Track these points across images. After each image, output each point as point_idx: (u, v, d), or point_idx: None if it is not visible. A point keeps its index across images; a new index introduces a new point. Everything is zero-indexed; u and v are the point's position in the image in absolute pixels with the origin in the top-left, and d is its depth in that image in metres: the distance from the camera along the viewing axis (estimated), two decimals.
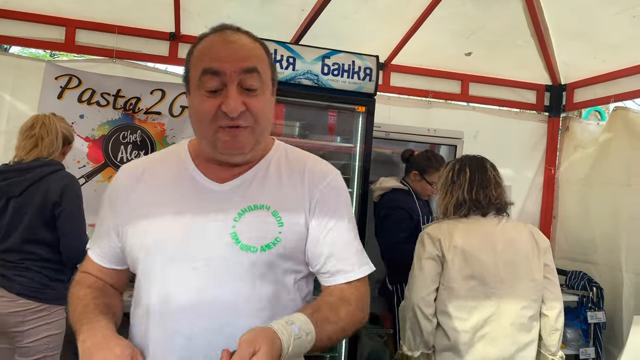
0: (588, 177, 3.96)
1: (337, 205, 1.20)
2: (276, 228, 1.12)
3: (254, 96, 1.09)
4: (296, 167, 1.21)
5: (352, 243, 1.21)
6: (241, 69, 1.07)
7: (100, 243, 1.24)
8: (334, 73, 3.05)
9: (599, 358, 3.54)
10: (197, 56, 1.11)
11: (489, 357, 2.02)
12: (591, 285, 3.55)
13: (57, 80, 3.31)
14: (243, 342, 0.92)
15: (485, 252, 2.05)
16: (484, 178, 2.16)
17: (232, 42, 1.10)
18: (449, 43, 3.77)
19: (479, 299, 2.04)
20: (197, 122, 1.12)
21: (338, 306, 1.12)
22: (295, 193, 1.17)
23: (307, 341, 1.00)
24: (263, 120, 1.12)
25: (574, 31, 3.52)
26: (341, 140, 3.35)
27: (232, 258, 1.10)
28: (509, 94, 4.25)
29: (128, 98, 3.43)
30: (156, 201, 1.16)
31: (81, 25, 3.40)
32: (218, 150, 1.12)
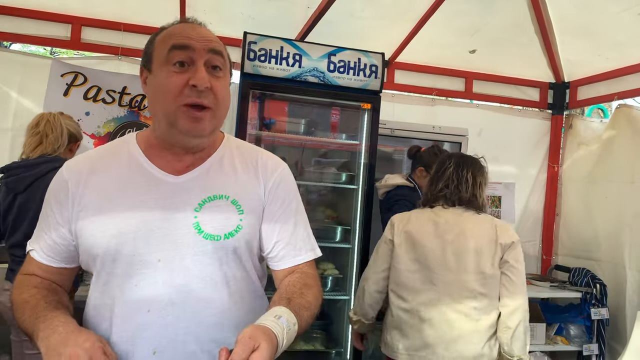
0: (591, 174, 3.97)
1: (287, 195, 1.27)
2: (237, 216, 1.18)
3: (218, 77, 1.14)
4: (249, 160, 1.27)
5: (298, 229, 1.27)
6: (209, 47, 1.12)
7: (47, 242, 1.20)
8: (340, 70, 3.06)
9: (602, 354, 3.56)
10: (162, 38, 1.15)
11: (429, 340, 2.11)
12: (594, 282, 3.56)
13: (63, 77, 3.32)
14: (242, 339, 0.93)
15: (432, 240, 2.17)
16: (437, 172, 2.31)
17: (198, 27, 1.16)
18: (453, 41, 3.78)
19: (422, 282, 2.16)
20: (161, 99, 1.12)
21: (304, 293, 1.17)
22: (250, 183, 1.23)
23: (294, 331, 1.05)
24: (223, 104, 1.16)
25: (578, 29, 3.53)
26: (346, 138, 3.37)
27: (196, 247, 1.13)
28: (512, 91, 4.26)
29: (134, 95, 3.44)
30: (111, 196, 1.15)
31: (87, 23, 3.41)
32: (178, 129, 1.13)
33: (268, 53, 2.97)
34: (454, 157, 2.35)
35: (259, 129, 3.17)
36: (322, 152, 3.57)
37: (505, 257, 2.13)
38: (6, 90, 3.28)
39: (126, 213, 1.13)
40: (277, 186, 1.26)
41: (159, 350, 1.10)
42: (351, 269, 3.22)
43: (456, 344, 2.09)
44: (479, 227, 2.17)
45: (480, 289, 2.11)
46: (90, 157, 1.25)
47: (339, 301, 3.36)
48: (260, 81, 3.01)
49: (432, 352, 2.10)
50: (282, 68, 3.00)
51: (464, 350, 2.09)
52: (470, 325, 2.10)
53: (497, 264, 2.13)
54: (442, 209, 2.24)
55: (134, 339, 1.11)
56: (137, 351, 1.10)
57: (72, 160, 1.26)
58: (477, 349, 2.09)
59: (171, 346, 1.11)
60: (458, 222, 2.19)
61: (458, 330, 2.10)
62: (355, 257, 3.19)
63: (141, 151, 1.21)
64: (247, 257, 1.20)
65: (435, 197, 2.27)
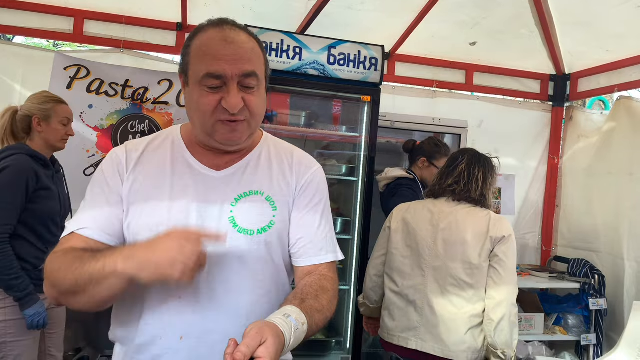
0: (591, 166, 3.99)
1: (316, 194, 1.32)
2: (270, 212, 1.23)
3: (251, 93, 1.16)
4: (284, 158, 1.32)
5: (322, 230, 1.30)
6: (242, 72, 1.13)
7: (102, 219, 1.17)
8: (340, 63, 3.08)
9: (600, 344, 3.60)
10: (197, 53, 1.15)
11: (413, 322, 2.23)
12: (593, 272, 3.59)
13: (66, 70, 3.35)
14: (250, 333, 0.95)
15: (425, 228, 2.29)
16: (448, 167, 2.38)
17: (231, 43, 1.14)
18: (453, 33, 3.79)
19: (412, 267, 2.30)
20: (197, 114, 1.17)
21: (319, 296, 1.20)
22: (284, 180, 1.28)
23: (303, 331, 1.06)
24: (258, 115, 1.20)
25: (578, 21, 3.53)
26: (346, 130, 3.39)
27: (230, 240, 1.18)
28: (513, 83, 4.27)
29: (136, 88, 3.47)
30: (157, 184, 1.21)
31: (89, 16, 3.43)
32: (216, 140, 1.19)
33: (269, 46, 3.00)
34: (467, 154, 2.37)
35: None
36: (323, 145, 3.60)
37: (495, 250, 2.16)
38: (10, 83, 3.31)
39: (168, 203, 1.19)
40: (309, 184, 1.31)
41: (186, 336, 1.15)
42: (351, 260, 3.26)
43: (437, 329, 2.17)
44: (473, 219, 2.22)
45: (466, 278, 2.16)
46: (142, 144, 1.29)
47: (339, 291, 3.39)
48: None
49: (414, 335, 2.21)
50: (282, 61, 3.02)
51: (445, 336, 2.16)
52: (453, 312, 2.16)
53: (485, 256, 2.16)
54: (443, 202, 2.31)
55: (163, 324, 1.16)
56: (166, 335, 1.16)
57: (130, 143, 1.29)
58: (458, 335, 2.14)
59: (197, 334, 1.15)
60: (453, 212, 2.25)
61: (440, 316, 2.17)
62: (355, 248, 3.23)
63: (184, 145, 1.27)
64: (278, 252, 1.25)
65: (443, 190, 2.33)
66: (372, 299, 2.50)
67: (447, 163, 2.41)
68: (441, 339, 2.16)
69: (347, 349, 3.22)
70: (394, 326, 2.30)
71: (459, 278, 2.17)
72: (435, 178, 2.43)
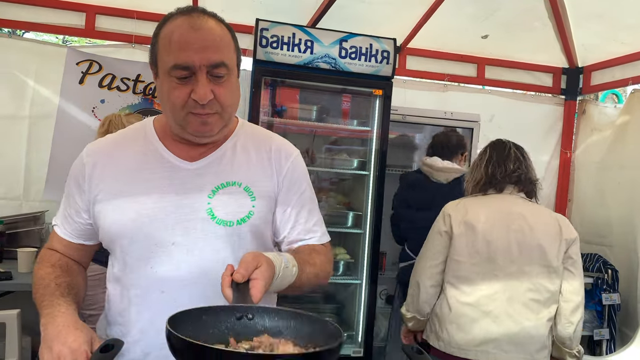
0: (604, 160, 3.95)
1: (301, 182, 1.31)
2: (249, 202, 1.21)
3: (221, 84, 1.13)
4: (263, 146, 1.29)
5: (312, 215, 1.31)
6: (209, 63, 1.10)
7: (69, 219, 1.26)
8: (352, 56, 3.07)
9: (613, 339, 3.57)
10: (164, 43, 1.13)
11: (492, 334, 2.04)
12: (606, 267, 3.57)
13: (78, 65, 3.36)
14: (247, 258, 1.01)
15: (497, 230, 2.07)
16: (501, 154, 2.19)
17: (199, 29, 1.11)
18: (465, 26, 3.76)
19: (484, 275, 2.08)
20: (168, 106, 1.15)
21: (312, 255, 1.23)
22: (263, 169, 1.26)
23: (292, 273, 1.10)
24: (229, 106, 1.18)
25: (592, 12, 3.49)
26: (358, 124, 3.38)
27: (209, 231, 1.18)
28: (525, 77, 4.23)
29: (147, 83, 3.48)
30: (128, 181, 1.19)
31: (101, 11, 3.44)
32: (188, 132, 1.17)
33: (280, 40, 2.99)
34: (503, 140, 2.27)
35: (270, 115, 3.20)
36: (334, 139, 3.59)
37: (569, 252, 2.11)
38: (23, 79, 3.33)
39: (142, 198, 1.17)
40: (292, 173, 1.28)
41: None
42: (362, 254, 3.26)
43: (519, 338, 2.04)
44: (543, 219, 2.12)
45: (544, 282, 2.07)
46: (109, 141, 1.29)
47: (350, 285, 3.40)
48: (272, 68, 3.03)
49: (494, 347, 2.03)
50: (294, 55, 3.01)
51: (529, 343, 2.05)
52: (533, 319, 2.06)
53: (561, 258, 2.09)
54: (497, 195, 2.15)
55: (151, 318, 1.16)
56: (152, 331, 1.15)
57: (93, 143, 1.30)
58: (540, 342, 2.06)
59: None
60: (521, 212, 2.12)
61: (521, 324, 2.04)
62: (366, 242, 3.23)
63: (157, 137, 1.24)
64: (260, 242, 1.24)
65: (507, 178, 2.15)
66: (425, 312, 2.22)
67: (492, 152, 2.21)
68: (525, 347, 2.05)
69: (359, 342, 3.22)
70: (467, 340, 2.06)
71: (537, 282, 2.06)
72: (484, 169, 2.19)
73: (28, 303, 2.73)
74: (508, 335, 2.03)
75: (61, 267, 1.22)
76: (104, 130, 2.53)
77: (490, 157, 2.21)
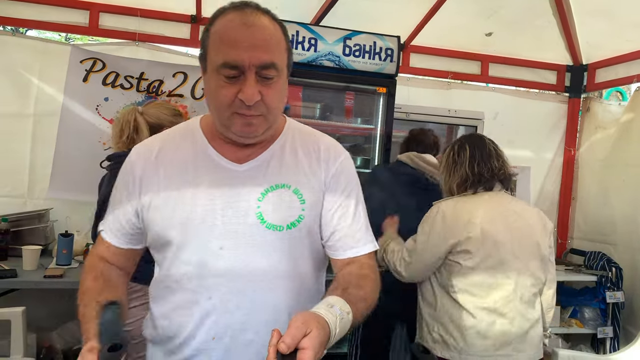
0: (608, 158, 3.94)
1: (348, 183, 1.25)
2: (299, 206, 1.18)
3: (269, 85, 1.10)
4: (311, 147, 1.25)
5: (357, 221, 1.25)
6: (259, 63, 1.08)
7: (116, 224, 1.24)
8: (355, 54, 3.07)
9: (617, 337, 3.57)
10: (215, 40, 1.11)
11: (510, 336, 2.02)
12: (610, 265, 3.56)
13: (82, 63, 3.36)
14: (294, 323, 0.92)
15: (502, 231, 2.05)
16: (483, 152, 2.15)
17: (251, 26, 1.08)
18: (469, 23, 3.75)
19: (497, 277, 2.04)
20: (215, 104, 1.13)
21: (361, 284, 1.15)
22: (312, 171, 1.22)
23: (348, 320, 1.03)
24: (275, 108, 1.15)
25: (597, 10, 3.48)
26: (361, 122, 3.38)
27: (258, 236, 1.15)
28: (529, 74, 4.22)
29: (151, 81, 3.48)
30: (178, 182, 1.17)
31: (104, 9, 3.43)
32: (232, 132, 1.15)
33: None
34: (477, 134, 2.31)
35: None
36: (337, 137, 3.58)
37: (550, 242, 2.16)
38: (27, 77, 3.33)
39: (192, 201, 1.15)
40: (339, 174, 1.24)
41: (218, 336, 1.14)
42: None
43: (530, 334, 2.04)
44: (531, 214, 2.15)
45: (540, 274, 2.10)
46: (157, 142, 1.26)
47: None
48: None
49: (513, 348, 2.02)
50: (297, 52, 3.01)
51: (536, 338, 2.07)
52: (534, 313, 2.08)
53: (548, 248, 2.14)
54: (489, 194, 2.12)
55: (196, 324, 1.14)
56: (199, 335, 1.14)
57: (141, 145, 1.28)
58: (540, 332, 2.10)
59: (230, 333, 1.14)
60: (514, 209, 2.12)
61: (529, 321, 2.05)
62: None
63: (205, 138, 1.22)
64: (309, 247, 1.22)
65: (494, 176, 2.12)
66: None
67: (472, 149, 2.16)
68: (535, 342, 2.06)
69: None
70: (487, 345, 2.01)
71: (536, 275, 2.09)
72: (469, 167, 2.13)
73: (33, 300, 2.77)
74: (521, 334, 2.03)
75: (104, 281, 1.20)
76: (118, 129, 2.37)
77: (472, 154, 2.15)
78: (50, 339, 3.01)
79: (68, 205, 3.22)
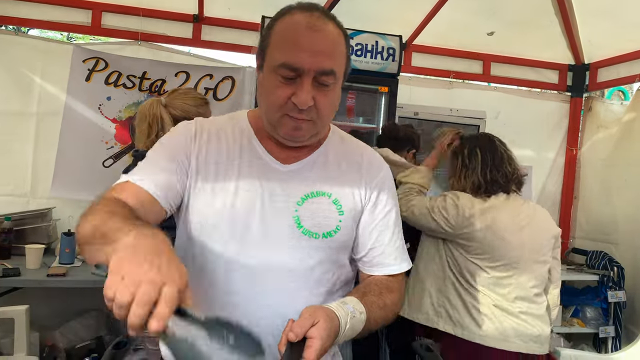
0: (610, 157, 3.94)
1: (389, 200, 1.23)
2: (337, 216, 1.16)
3: (325, 92, 1.08)
4: (353, 157, 1.24)
5: (395, 238, 1.24)
6: (319, 69, 1.05)
7: (164, 178, 1.11)
8: (358, 54, 3.08)
9: (618, 337, 3.57)
10: (278, 38, 1.09)
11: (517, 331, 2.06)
12: (612, 264, 3.56)
13: (85, 63, 3.37)
14: (303, 315, 0.97)
15: (512, 232, 2.07)
16: (495, 156, 2.15)
17: (317, 31, 1.06)
18: (471, 23, 3.75)
19: (503, 276, 2.09)
20: (267, 103, 1.12)
21: (383, 294, 1.16)
22: (353, 182, 1.20)
23: (361, 320, 1.05)
24: (326, 116, 1.13)
25: (599, 9, 3.47)
26: (363, 121, 3.39)
27: (292, 240, 1.13)
28: (531, 73, 4.22)
29: (153, 80, 3.49)
30: (223, 168, 1.15)
31: (107, 8, 3.44)
32: (278, 133, 1.13)
33: None
34: (485, 135, 2.28)
35: None
36: None
37: (557, 243, 2.22)
38: (30, 76, 3.34)
39: (234, 190, 1.13)
40: (380, 189, 1.22)
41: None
42: None
43: (536, 330, 2.10)
44: (541, 216, 2.19)
45: (543, 275, 2.16)
46: (213, 123, 1.23)
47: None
48: None
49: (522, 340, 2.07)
50: None
51: (541, 336, 2.12)
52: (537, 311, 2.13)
53: (552, 250, 2.20)
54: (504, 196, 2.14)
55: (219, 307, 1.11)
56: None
57: (205, 121, 1.23)
58: (547, 331, 2.15)
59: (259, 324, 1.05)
60: (526, 211, 2.15)
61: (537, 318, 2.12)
62: None
63: (253, 132, 1.20)
64: (342, 258, 1.20)
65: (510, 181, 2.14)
66: None
67: (484, 154, 2.16)
68: (542, 339, 2.12)
69: None
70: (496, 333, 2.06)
71: (539, 276, 2.12)
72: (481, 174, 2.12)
73: (36, 299, 2.77)
74: (523, 331, 2.07)
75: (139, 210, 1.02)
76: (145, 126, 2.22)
77: (484, 159, 2.14)
78: (53, 337, 3.02)
79: (71, 204, 3.22)
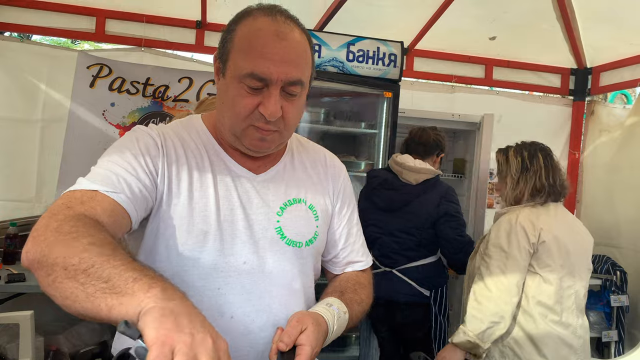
0: (613, 161, 3.93)
1: (351, 199, 1.27)
2: (314, 222, 1.17)
3: (291, 101, 1.05)
4: (317, 160, 1.24)
5: (359, 234, 1.28)
6: (287, 80, 1.01)
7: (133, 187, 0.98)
8: (359, 60, 3.09)
9: (621, 341, 3.56)
10: (242, 45, 1.02)
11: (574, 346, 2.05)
12: (615, 269, 3.55)
13: (89, 69, 3.41)
14: (291, 322, 0.98)
15: (572, 242, 2.06)
16: (552, 162, 2.15)
17: (283, 39, 1.01)
18: (473, 27, 3.76)
19: (568, 290, 2.04)
20: (230, 113, 1.05)
21: (358, 290, 1.20)
22: (321, 185, 1.21)
23: (345, 319, 1.09)
24: (292, 125, 1.09)
25: (601, 14, 3.48)
26: (365, 127, 3.40)
27: (279, 252, 1.10)
28: (533, 78, 4.22)
29: (157, 86, 3.52)
30: (197, 182, 1.06)
31: (111, 15, 3.47)
32: (242, 143, 1.08)
33: None
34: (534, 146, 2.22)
35: None
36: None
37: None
38: (35, 83, 3.37)
39: (214, 206, 1.06)
40: (344, 189, 1.25)
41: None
42: None
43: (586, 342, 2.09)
44: (579, 224, 2.20)
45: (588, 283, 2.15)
46: (171, 134, 1.11)
47: None
48: None
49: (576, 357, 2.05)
50: None
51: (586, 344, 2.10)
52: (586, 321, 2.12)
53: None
54: (558, 205, 2.13)
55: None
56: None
57: (166, 128, 1.12)
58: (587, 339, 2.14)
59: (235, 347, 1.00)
60: (572, 220, 2.17)
61: (582, 329, 2.08)
62: None
63: (215, 142, 1.13)
64: (318, 263, 1.22)
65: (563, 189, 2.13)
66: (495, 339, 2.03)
67: (545, 159, 2.14)
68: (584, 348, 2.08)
69: None
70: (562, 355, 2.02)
71: (587, 286, 2.13)
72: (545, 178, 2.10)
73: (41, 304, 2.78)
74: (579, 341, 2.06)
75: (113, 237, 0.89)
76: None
77: (546, 164, 2.13)
78: (58, 342, 3.03)
79: None
